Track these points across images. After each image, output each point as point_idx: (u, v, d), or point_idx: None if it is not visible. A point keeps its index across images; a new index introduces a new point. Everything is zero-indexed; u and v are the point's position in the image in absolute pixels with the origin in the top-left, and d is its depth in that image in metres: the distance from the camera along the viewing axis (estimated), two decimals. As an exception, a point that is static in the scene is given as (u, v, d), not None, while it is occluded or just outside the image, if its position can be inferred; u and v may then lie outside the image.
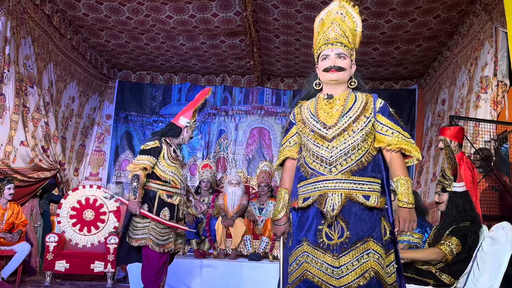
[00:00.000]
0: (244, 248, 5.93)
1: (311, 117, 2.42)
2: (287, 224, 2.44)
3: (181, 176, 4.18)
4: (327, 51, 2.40)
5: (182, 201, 4.16)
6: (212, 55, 7.63)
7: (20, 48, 5.65)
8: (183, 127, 4.24)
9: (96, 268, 5.71)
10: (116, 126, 8.68)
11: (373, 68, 7.59)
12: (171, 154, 4.12)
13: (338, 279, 2.16)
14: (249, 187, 6.87)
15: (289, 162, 2.51)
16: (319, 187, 2.28)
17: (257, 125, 8.53)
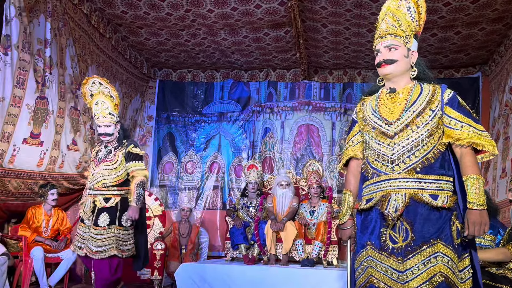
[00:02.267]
0: (296, 253, 5.94)
1: (373, 113, 2.42)
2: (352, 227, 2.45)
3: (90, 176, 4.50)
4: (378, 46, 2.42)
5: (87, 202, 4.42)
6: (255, 49, 7.68)
7: (65, 50, 5.90)
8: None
9: (143, 275, 5.88)
10: (158, 127, 8.89)
11: (431, 56, 7.42)
12: (92, 156, 4.58)
13: (403, 284, 2.14)
14: (299, 188, 6.87)
15: (353, 162, 2.52)
16: (382, 187, 2.27)
17: (304, 122, 8.51)
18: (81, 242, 4.32)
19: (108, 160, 4.43)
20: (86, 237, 4.28)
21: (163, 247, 5.96)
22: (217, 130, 8.79)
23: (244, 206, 6.46)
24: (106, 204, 4.32)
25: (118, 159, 4.44)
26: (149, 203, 6.48)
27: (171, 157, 8.82)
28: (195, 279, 5.53)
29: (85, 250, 4.25)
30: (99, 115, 4.44)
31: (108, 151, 4.47)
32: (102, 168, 4.39)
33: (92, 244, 4.24)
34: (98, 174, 4.38)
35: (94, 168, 4.45)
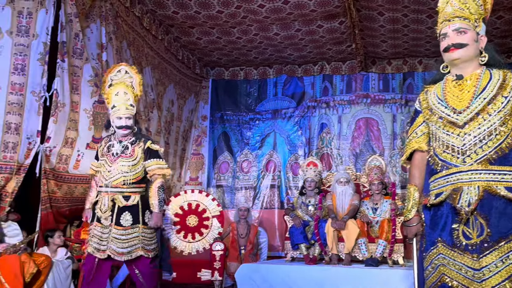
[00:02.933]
0: (359, 252, 5.86)
1: (439, 102, 2.35)
2: (419, 224, 2.39)
3: (104, 172, 4.17)
4: (445, 29, 2.34)
5: (103, 200, 4.14)
6: (308, 42, 7.65)
7: (120, 53, 6.10)
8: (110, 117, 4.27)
9: (203, 277, 5.98)
10: (212, 127, 9.01)
11: (497, 40, 7.12)
12: (102, 151, 4.26)
13: (479, 282, 2.07)
14: (359, 185, 6.77)
15: (417, 155, 2.45)
16: (452, 180, 2.20)
17: (363, 116, 8.37)
18: (99, 243, 4.10)
19: (127, 156, 4.19)
20: (107, 238, 4.08)
21: (222, 248, 6.04)
22: (271, 127, 8.81)
23: (302, 205, 6.43)
24: (127, 203, 4.12)
25: (138, 155, 4.20)
26: (207, 204, 6.58)
27: (226, 157, 8.92)
28: (256, 280, 5.57)
29: (108, 252, 4.06)
30: (120, 106, 4.16)
31: (124, 147, 4.21)
32: (121, 164, 4.15)
33: (117, 245, 4.06)
34: (116, 170, 4.14)
35: (109, 164, 4.18)
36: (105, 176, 4.16)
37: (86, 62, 5.44)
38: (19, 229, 5.03)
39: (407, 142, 2.52)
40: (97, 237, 4.10)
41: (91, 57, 5.55)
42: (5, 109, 4.77)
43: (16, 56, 4.88)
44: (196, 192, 6.70)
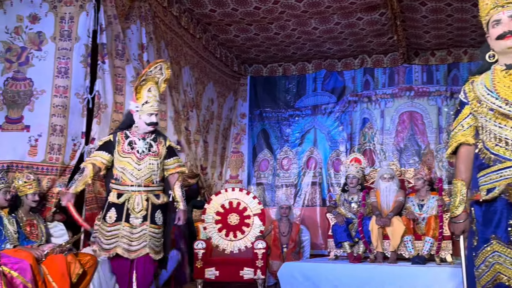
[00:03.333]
0: (405, 250, 5.80)
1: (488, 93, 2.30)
2: (467, 221, 2.35)
3: (133, 171, 4.11)
4: (498, 16, 2.27)
5: (135, 199, 4.08)
6: (348, 35, 7.60)
7: (160, 53, 6.23)
8: (134, 113, 4.19)
9: (246, 275, 6.03)
10: (251, 124, 9.07)
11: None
12: (123, 148, 4.13)
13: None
14: (404, 181, 6.69)
15: (463, 149, 2.40)
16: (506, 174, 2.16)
17: (406, 109, 8.24)
18: (130, 244, 4.05)
19: (154, 154, 4.21)
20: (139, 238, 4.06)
21: (264, 246, 6.08)
22: (311, 123, 8.79)
23: (345, 202, 6.41)
24: (158, 201, 4.16)
25: (162, 153, 4.25)
26: (248, 202, 6.64)
27: (266, 154, 8.96)
28: (299, 278, 5.60)
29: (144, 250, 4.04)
30: (153, 102, 4.17)
31: (148, 144, 4.21)
32: (150, 162, 4.15)
33: (154, 244, 4.09)
34: (146, 169, 4.14)
35: (137, 162, 4.14)
36: (135, 175, 4.12)
37: (128, 63, 5.58)
38: (65, 229, 5.20)
39: (452, 135, 2.47)
40: (127, 237, 4.04)
41: (133, 58, 5.68)
42: (50, 112, 4.97)
43: (60, 60, 5.07)
44: (236, 190, 6.76)
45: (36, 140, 4.92)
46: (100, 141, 4.27)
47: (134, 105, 4.19)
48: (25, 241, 4.53)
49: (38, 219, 4.86)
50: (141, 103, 4.15)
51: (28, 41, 5.11)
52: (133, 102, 4.23)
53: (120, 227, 4.06)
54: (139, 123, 4.17)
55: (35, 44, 5.11)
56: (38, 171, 4.88)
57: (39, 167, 4.89)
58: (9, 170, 4.80)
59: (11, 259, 4.01)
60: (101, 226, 4.10)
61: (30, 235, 4.68)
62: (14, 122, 4.97)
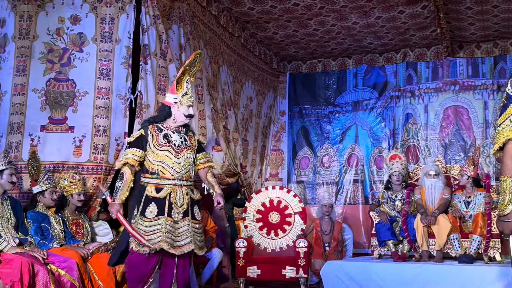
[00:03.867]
0: (451, 249, 5.70)
1: None
2: None
3: (173, 164, 4.06)
4: None
5: (177, 193, 4.04)
6: (389, 29, 7.50)
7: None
8: (172, 105, 4.14)
9: (288, 274, 6.04)
10: (291, 122, 9.06)
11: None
12: (158, 141, 4.07)
13: None
14: (450, 178, 6.56)
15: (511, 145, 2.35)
16: None
17: (451, 104, 8.07)
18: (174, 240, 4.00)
19: (190, 148, 4.21)
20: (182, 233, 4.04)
21: (306, 245, 6.07)
22: (352, 120, 8.72)
23: (389, 200, 6.33)
24: (196, 196, 4.18)
25: (195, 147, 4.27)
26: (288, 200, 6.65)
27: (306, 152, 8.95)
28: (342, 278, 5.58)
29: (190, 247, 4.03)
30: (191, 94, 4.19)
31: (183, 138, 4.19)
32: (187, 156, 4.15)
33: (197, 239, 4.11)
34: (185, 163, 4.12)
35: (176, 156, 4.11)
36: (175, 168, 4.07)
37: (171, 63, 5.66)
38: (109, 228, 5.35)
39: (498, 130, 2.41)
40: (171, 233, 3.99)
41: (175, 58, 5.77)
42: (93, 113, 5.11)
43: (101, 62, 5.19)
44: (277, 188, 6.77)
45: (81, 140, 5.07)
46: (131, 138, 4.18)
47: (172, 96, 4.15)
48: (71, 240, 4.69)
49: (84, 219, 5.02)
50: (180, 94, 4.13)
51: (70, 42, 5.26)
52: (171, 94, 4.19)
53: (163, 221, 3.98)
54: (177, 115, 4.13)
55: (76, 45, 5.26)
56: (83, 171, 5.03)
57: (84, 167, 5.04)
58: (55, 171, 4.96)
59: (59, 258, 4.16)
60: (139, 222, 3.97)
61: (76, 234, 4.84)
62: (58, 123, 5.12)
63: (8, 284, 3.66)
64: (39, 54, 5.21)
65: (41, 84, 5.15)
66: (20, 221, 4.33)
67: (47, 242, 4.40)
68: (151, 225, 3.97)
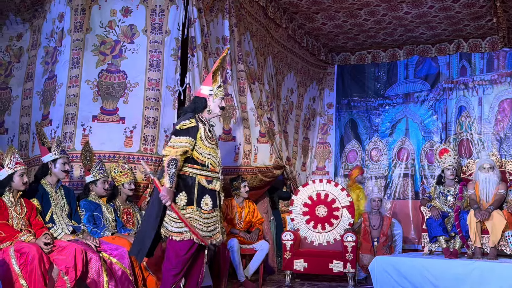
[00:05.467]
0: (506, 246, 5.53)
1: None
2: None
3: (218, 158, 4.15)
4: None
5: (221, 186, 4.16)
6: (442, 19, 7.34)
7: (241, 45, 6.34)
8: (207, 97, 4.15)
9: (335, 268, 6.03)
10: (339, 114, 9.00)
11: None
12: (207, 134, 4.08)
13: None
14: (505, 173, 6.36)
15: None
16: None
17: (507, 96, 7.83)
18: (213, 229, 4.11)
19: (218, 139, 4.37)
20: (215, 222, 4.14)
21: (354, 239, 6.04)
22: (403, 113, 8.60)
23: (441, 195, 6.20)
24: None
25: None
26: (336, 194, 6.63)
27: (354, 145, 8.88)
28: (391, 273, 5.51)
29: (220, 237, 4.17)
30: (223, 86, 4.29)
31: (213, 130, 4.27)
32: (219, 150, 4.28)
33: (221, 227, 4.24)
34: (220, 156, 4.27)
35: (216, 148, 4.20)
36: (219, 162, 4.18)
37: (210, 56, 5.73)
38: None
39: None
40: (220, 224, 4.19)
41: (216, 51, 5.83)
42: (144, 104, 5.23)
43: (152, 53, 5.31)
44: (324, 181, 6.76)
45: (131, 131, 5.20)
46: (183, 125, 4.00)
47: (208, 88, 4.19)
48: (122, 229, 4.83)
49: (134, 208, 5.16)
50: (215, 86, 4.19)
51: (121, 34, 5.39)
52: (206, 86, 4.22)
53: (217, 213, 4.12)
54: (213, 107, 4.18)
55: (128, 37, 5.38)
56: (134, 161, 5.16)
57: (135, 157, 5.18)
58: (107, 161, 5.11)
59: (110, 246, 4.29)
60: (196, 214, 3.99)
61: (127, 223, 4.98)
62: (110, 114, 5.27)
63: (63, 271, 3.81)
64: (92, 46, 5.37)
65: (93, 76, 5.31)
66: (73, 209, 4.49)
67: (99, 230, 4.55)
68: (209, 217, 4.04)
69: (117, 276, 4.12)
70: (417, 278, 5.40)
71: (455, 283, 5.22)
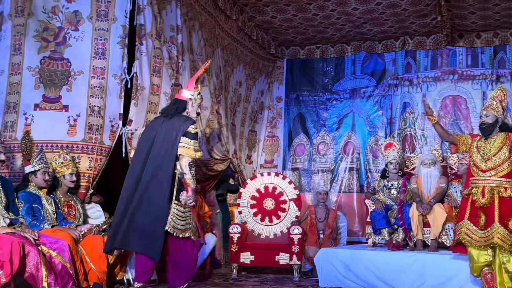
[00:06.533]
0: (446, 238, 5.70)
1: None
2: None
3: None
4: None
5: None
6: (389, 16, 7.44)
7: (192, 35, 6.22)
8: (188, 100, 4.51)
9: (282, 260, 6.05)
10: (288, 108, 9.01)
11: None
12: None
13: None
14: (447, 167, 6.56)
15: None
16: None
17: (449, 93, 8.04)
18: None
19: None
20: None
21: (300, 232, 6.08)
22: (350, 107, 8.70)
23: (384, 188, 6.33)
24: None
25: None
26: (284, 187, 6.65)
27: (302, 139, 8.92)
28: (336, 265, 5.58)
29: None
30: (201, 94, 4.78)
31: None
32: None
33: None
34: None
35: None
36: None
37: (164, 45, 5.59)
38: (102, 211, 5.32)
39: None
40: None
41: (167, 40, 5.70)
42: (88, 93, 5.05)
43: (97, 41, 5.14)
44: (272, 175, 6.77)
45: (75, 120, 5.02)
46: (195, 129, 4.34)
47: (189, 93, 4.55)
48: (63, 221, 4.65)
49: (76, 200, 4.98)
50: (196, 93, 4.56)
51: (65, 20, 5.17)
52: (188, 90, 4.57)
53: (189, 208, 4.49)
54: (191, 111, 4.52)
55: (72, 24, 5.18)
56: (78, 150, 4.98)
57: (79, 146, 5.01)
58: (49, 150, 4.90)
59: (50, 239, 4.11)
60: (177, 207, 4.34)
61: (68, 216, 4.81)
62: (52, 102, 5.08)
63: (-2, 265, 3.61)
64: (34, 32, 5.14)
65: (35, 62, 5.10)
66: (10, 201, 4.28)
67: (38, 223, 4.37)
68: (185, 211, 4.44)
69: (57, 270, 3.95)
70: (361, 269, 5.49)
71: (397, 275, 5.33)
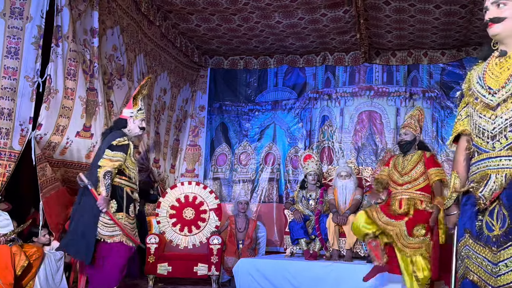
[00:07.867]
0: (360, 248, 5.85)
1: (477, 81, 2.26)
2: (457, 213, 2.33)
3: (137, 173, 4.85)
4: (486, 3, 2.23)
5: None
6: (311, 31, 7.58)
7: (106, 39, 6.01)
8: (128, 118, 4.80)
9: (200, 271, 5.95)
10: (211, 117, 8.94)
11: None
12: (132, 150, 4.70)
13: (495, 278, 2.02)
14: (362, 179, 6.74)
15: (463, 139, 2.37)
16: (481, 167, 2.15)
17: (366, 108, 8.32)
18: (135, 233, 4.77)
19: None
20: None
21: (219, 242, 6.01)
22: (271, 119, 8.77)
23: (303, 199, 6.41)
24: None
25: None
26: (204, 196, 6.56)
27: (224, 149, 8.87)
28: (254, 275, 5.56)
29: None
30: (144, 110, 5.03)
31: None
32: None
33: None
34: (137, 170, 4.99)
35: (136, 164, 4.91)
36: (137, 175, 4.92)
37: (80, 47, 5.36)
38: (10, 219, 4.98)
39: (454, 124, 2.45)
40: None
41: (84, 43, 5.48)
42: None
43: (10, 39, 4.81)
44: (193, 184, 6.67)
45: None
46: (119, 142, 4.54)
47: (129, 111, 4.83)
48: (-36, 230, 4.30)
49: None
50: (136, 109, 4.82)
51: (-27, 15, 4.82)
52: (127, 109, 4.86)
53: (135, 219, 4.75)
54: (133, 127, 4.78)
55: (-19, 19, 4.83)
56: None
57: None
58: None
59: None
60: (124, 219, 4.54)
61: (-29, 224, 4.46)
62: (-45, 103, 4.69)
63: None
64: None
65: None
66: None
67: None
68: (133, 222, 4.65)
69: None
70: (279, 279, 5.51)
71: (314, 284, 5.40)
